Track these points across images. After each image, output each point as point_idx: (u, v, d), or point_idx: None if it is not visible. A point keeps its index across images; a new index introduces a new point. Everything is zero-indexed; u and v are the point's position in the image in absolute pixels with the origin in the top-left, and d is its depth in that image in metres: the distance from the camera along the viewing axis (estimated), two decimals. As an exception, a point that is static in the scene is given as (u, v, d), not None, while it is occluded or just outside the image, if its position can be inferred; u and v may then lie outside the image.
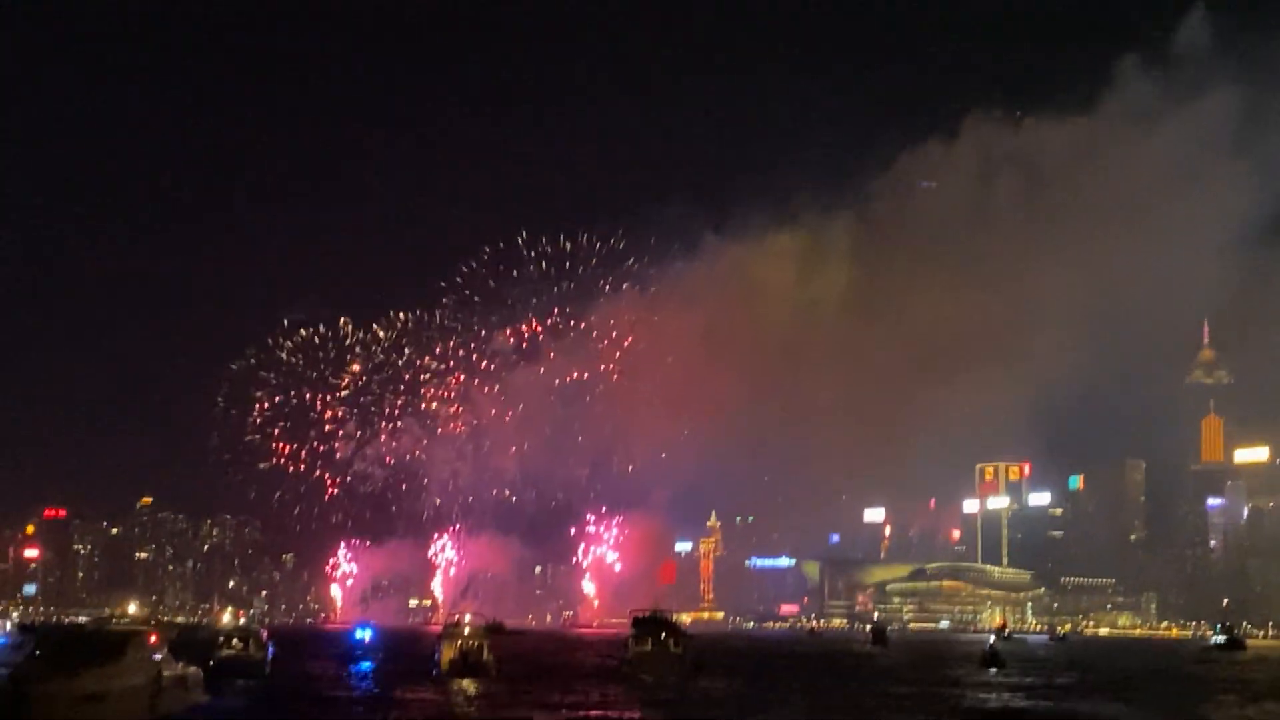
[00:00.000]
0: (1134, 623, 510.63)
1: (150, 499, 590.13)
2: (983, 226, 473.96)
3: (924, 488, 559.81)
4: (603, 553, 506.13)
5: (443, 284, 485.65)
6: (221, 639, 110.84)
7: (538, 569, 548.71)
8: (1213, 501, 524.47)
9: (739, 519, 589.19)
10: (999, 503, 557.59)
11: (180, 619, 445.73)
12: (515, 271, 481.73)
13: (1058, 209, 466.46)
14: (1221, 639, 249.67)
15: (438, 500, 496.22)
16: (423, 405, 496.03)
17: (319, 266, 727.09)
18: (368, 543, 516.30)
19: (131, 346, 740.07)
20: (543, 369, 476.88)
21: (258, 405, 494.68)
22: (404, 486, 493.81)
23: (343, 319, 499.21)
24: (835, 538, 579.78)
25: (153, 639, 64.10)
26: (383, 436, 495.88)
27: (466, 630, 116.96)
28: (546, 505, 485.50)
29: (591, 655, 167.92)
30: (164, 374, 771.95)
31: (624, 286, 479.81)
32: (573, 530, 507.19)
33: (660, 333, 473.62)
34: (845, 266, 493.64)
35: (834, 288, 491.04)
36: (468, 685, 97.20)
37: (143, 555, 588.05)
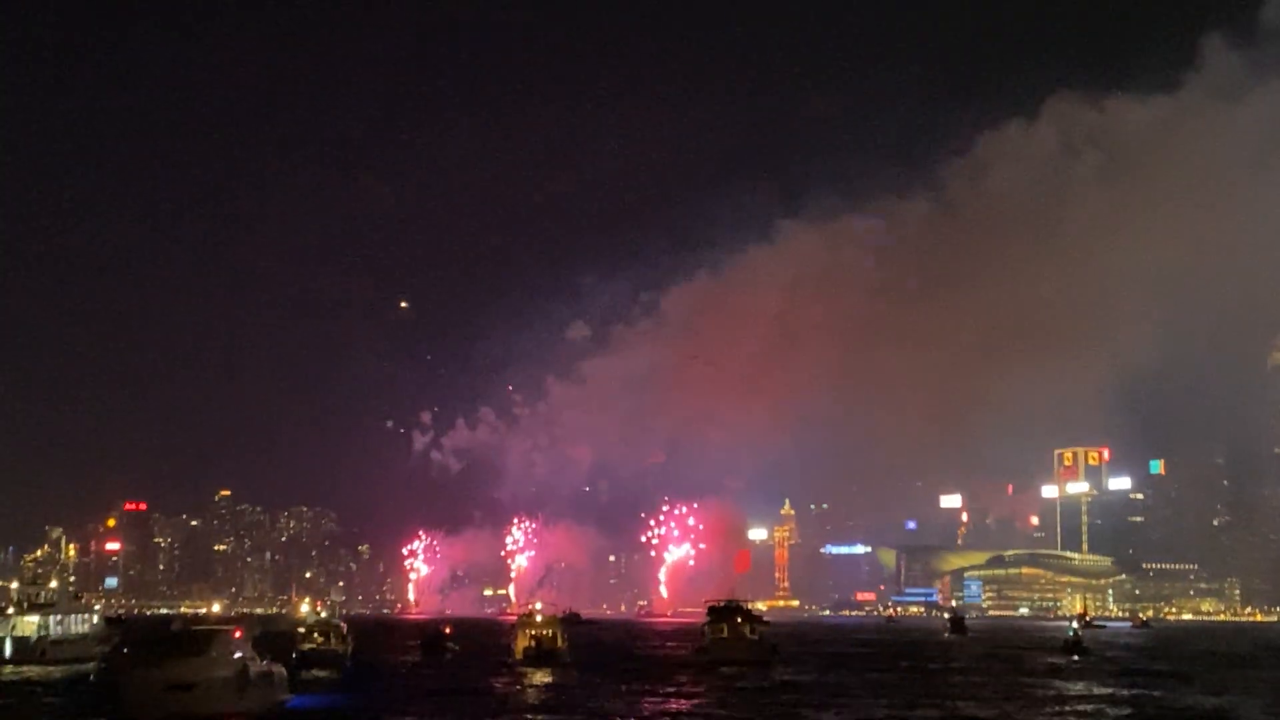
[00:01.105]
0: (1217, 608, 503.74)
1: (229, 491, 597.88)
2: (1062, 208, 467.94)
3: (1001, 473, 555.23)
4: (678, 541, 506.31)
5: (515, 274, 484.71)
6: (303, 632, 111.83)
7: (611, 558, 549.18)
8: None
9: (813, 506, 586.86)
10: (1078, 488, 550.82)
11: (259, 610, 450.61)
12: (589, 259, 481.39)
13: (1139, 190, 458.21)
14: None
15: (514, 490, 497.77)
16: (498, 395, 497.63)
17: (391, 255, 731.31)
18: (444, 533, 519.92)
19: (209, 343, 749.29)
20: (617, 357, 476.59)
21: (334, 397, 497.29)
22: (481, 476, 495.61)
23: (402, 303, 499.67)
24: (911, 524, 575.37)
25: (237, 634, 64.78)
26: (460, 427, 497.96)
27: (540, 619, 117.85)
28: (622, 494, 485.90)
29: (666, 644, 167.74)
30: (241, 368, 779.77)
31: (697, 272, 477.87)
32: (648, 519, 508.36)
33: (734, 318, 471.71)
34: (921, 249, 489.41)
35: (910, 271, 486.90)
36: (541, 675, 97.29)
37: (221, 547, 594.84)
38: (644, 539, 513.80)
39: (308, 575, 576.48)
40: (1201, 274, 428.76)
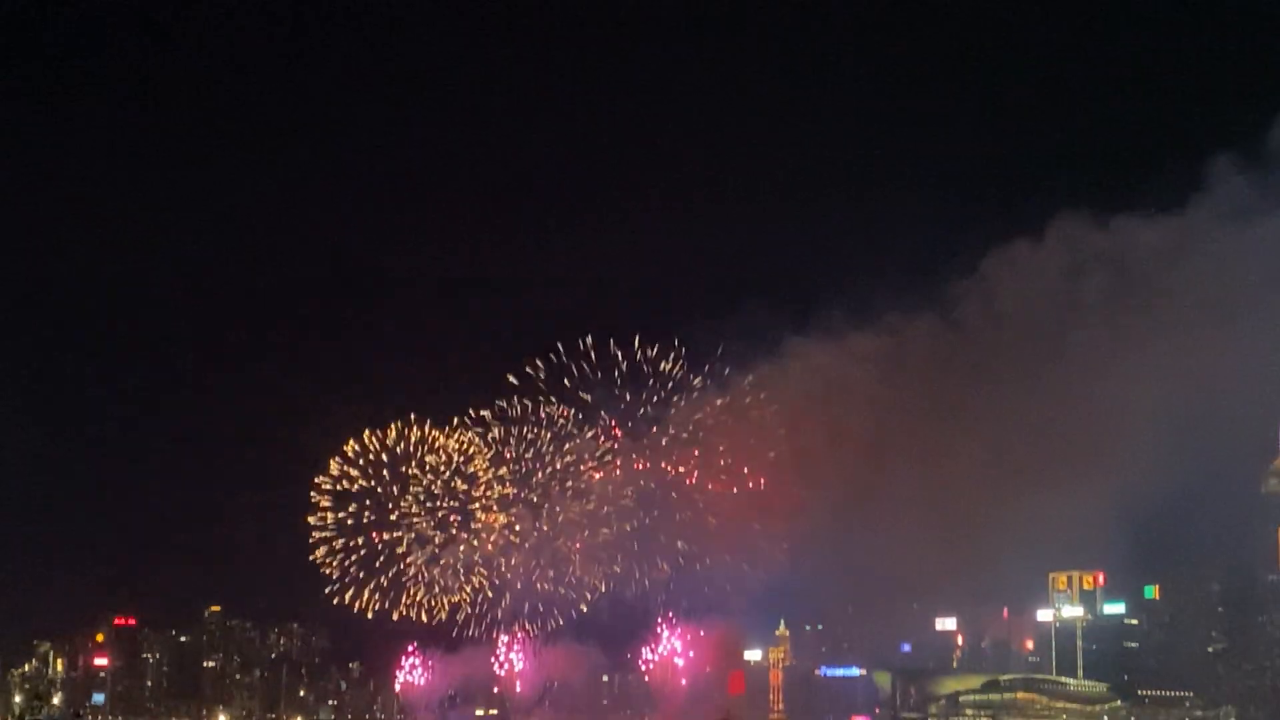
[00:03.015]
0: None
1: (219, 606, 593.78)
2: (1067, 329, 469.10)
3: (996, 597, 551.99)
4: (673, 662, 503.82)
5: (514, 383, 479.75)
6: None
7: (605, 678, 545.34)
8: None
9: (808, 627, 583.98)
10: (1073, 612, 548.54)
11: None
12: (591, 372, 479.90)
13: (1146, 311, 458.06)
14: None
15: (519, 607, 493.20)
16: (491, 515, 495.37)
17: (387, 372, 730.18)
18: (442, 651, 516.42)
19: (198, 454, 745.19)
20: (620, 473, 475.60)
21: (326, 517, 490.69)
22: (476, 595, 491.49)
23: (392, 428, 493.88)
24: (907, 647, 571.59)
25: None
26: (458, 545, 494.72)
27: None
28: (620, 613, 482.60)
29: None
30: (232, 482, 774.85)
31: (706, 386, 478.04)
32: (645, 639, 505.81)
33: (741, 435, 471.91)
34: (927, 369, 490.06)
35: (915, 391, 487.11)
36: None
37: (210, 664, 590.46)
38: (641, 659, 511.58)
39: (300, 694, 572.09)
40: (1200, 399, 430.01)
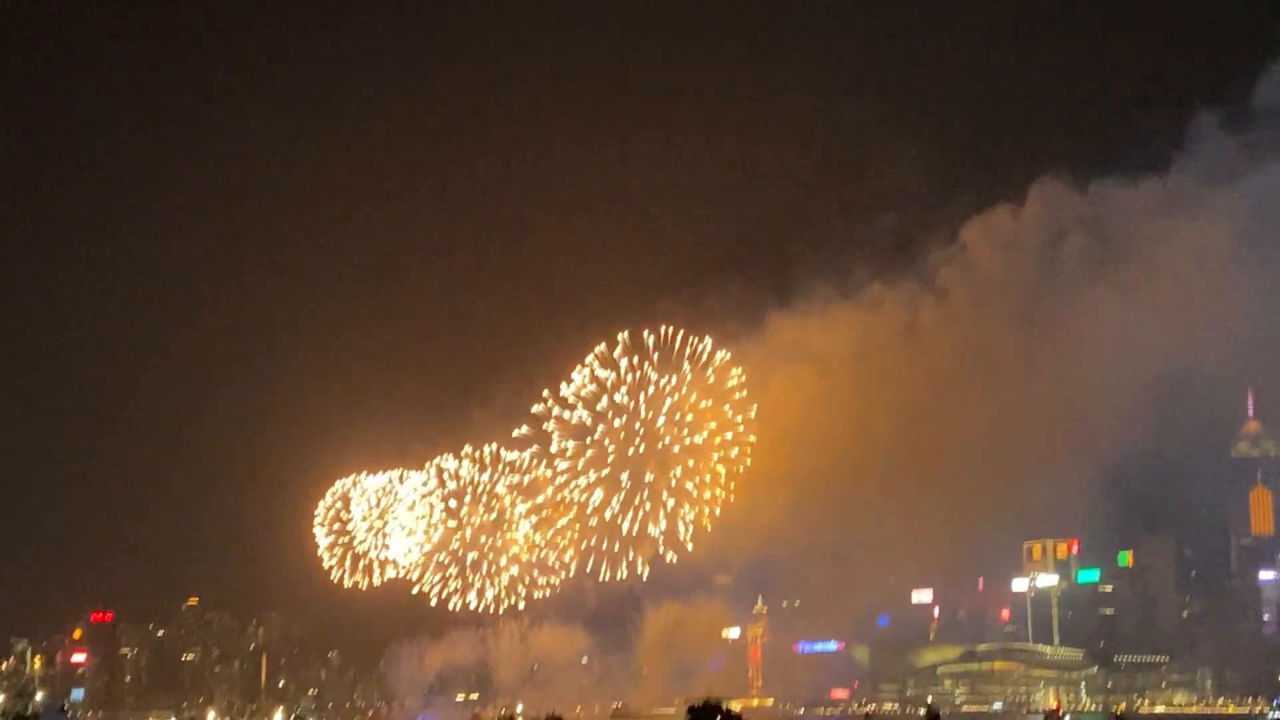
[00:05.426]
0: (1190, 700, 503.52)
1: (196, 599, 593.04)
2: (1043, 297, 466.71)
3: (972, 567, 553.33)
4: (653, 640, 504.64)
5: (505, 368, 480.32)
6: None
7: (584, 659, 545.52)
8: (1264, 575, 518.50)
9: (785, 603, 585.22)
10: (1048, 581, 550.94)
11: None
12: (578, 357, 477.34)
13: (1120, 279, 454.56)
14: (1278, 714, 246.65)
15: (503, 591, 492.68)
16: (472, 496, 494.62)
17: (367, 351, 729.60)
18: (427, 637, 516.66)
19: (174, 449, 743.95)
20: (601, 454, 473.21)
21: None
22: (458, 577, 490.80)
23: None
24: (884, 620, 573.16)
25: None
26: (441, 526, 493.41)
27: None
28: (601, 594, 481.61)
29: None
30: (208, 476, 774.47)
31: (684, 366, 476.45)
32: (625, 619, 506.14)
33: (718, 413, 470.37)
34: (907, 340, 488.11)
35: (895, 363, 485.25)
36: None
37: (189, 657, 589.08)
38: (624, 648, 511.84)
39: (280, 684, 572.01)
40: (1171, 365, 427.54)
